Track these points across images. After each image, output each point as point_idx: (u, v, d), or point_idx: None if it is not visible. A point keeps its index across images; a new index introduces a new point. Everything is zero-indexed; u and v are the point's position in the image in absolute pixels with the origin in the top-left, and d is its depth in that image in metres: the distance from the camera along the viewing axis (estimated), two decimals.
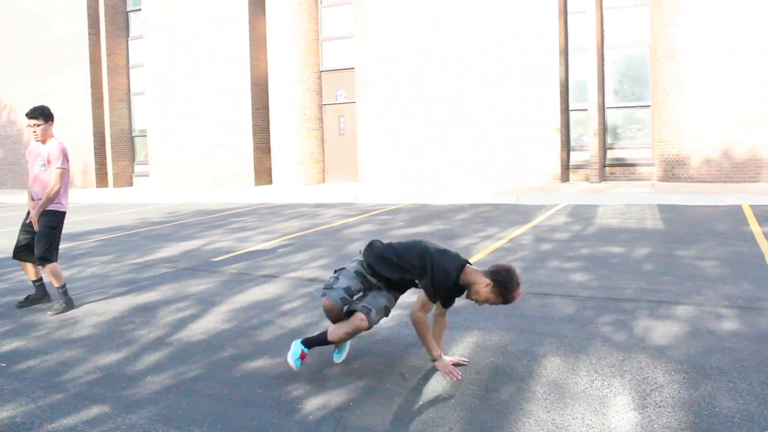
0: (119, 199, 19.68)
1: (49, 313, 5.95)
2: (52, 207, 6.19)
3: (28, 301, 6.31)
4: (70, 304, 6.10)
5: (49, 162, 6.15)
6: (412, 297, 5.00)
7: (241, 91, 20.53)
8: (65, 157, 6.18)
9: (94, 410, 3.69)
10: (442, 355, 4.02)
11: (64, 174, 6.17)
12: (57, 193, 6.13)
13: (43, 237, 6.13)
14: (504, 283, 3.79)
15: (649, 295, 5.65)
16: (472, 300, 3.96)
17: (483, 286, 3.85)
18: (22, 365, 4.57)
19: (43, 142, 6.19)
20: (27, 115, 6.14)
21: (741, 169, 14.58)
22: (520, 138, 16.70)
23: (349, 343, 4.31)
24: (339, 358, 4.26)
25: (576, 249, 8.00)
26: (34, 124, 6.11)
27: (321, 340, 4.06)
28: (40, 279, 6.39)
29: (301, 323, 5.30)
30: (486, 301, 3.89)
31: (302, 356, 4.02)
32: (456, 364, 4.06)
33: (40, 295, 6.38)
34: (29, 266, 6.35)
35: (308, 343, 4.08)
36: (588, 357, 4.19)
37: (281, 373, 4.09)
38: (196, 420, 3.51)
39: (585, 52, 16.35)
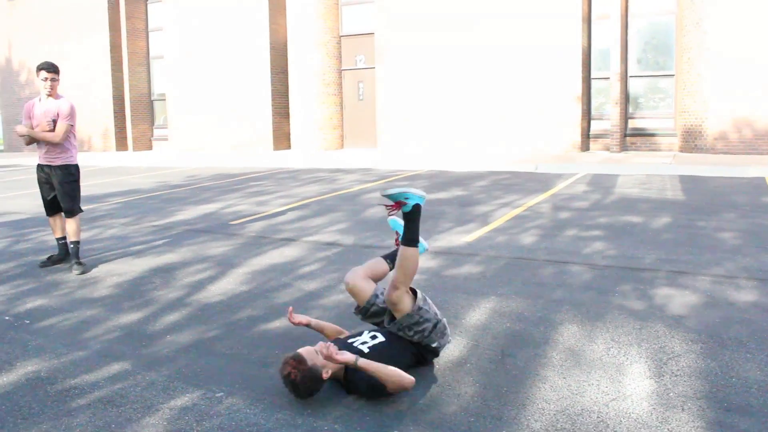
0: (138, 162, 19.79)
1: (75, 272, 6.04)
2: (66, 161, 6.35)
3: (51, 261, 6.41)
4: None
5: (58, 116, 6.23)
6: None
7: (260, 56, 20.42)
8: (74, 114, 6.33)
9: (115, 367, 3.75)
10: None
11: (70, 130, 6.31)
12: (55, 142, 6.24)
13: (67, 190, 6.34)
14: None
15: (668, 265, 5.62)
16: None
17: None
18: (45, 322, 4.64)
19: (55, 97, 6.27)
20: (45, 68, 6.18)
21: (765, 140, 14.36)
22: (540, 106, 16.53)
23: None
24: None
25: (595, 218, 7.95)
26: (52, 78, 6.19)
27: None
28: (64, 237, 6.50)
29: (319, 286, 5.33)
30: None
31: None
32: None
33: (62, 254, 6.49)
34: (58, 222, 6.51)
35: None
36: (605, 325, 4.18)
37: (299, 335, 4.12)
38: (214, 378, 3.55)
39: (608, 20, 16.05)
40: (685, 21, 15.32)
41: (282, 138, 20.88)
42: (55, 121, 6.23)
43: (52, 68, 6.22)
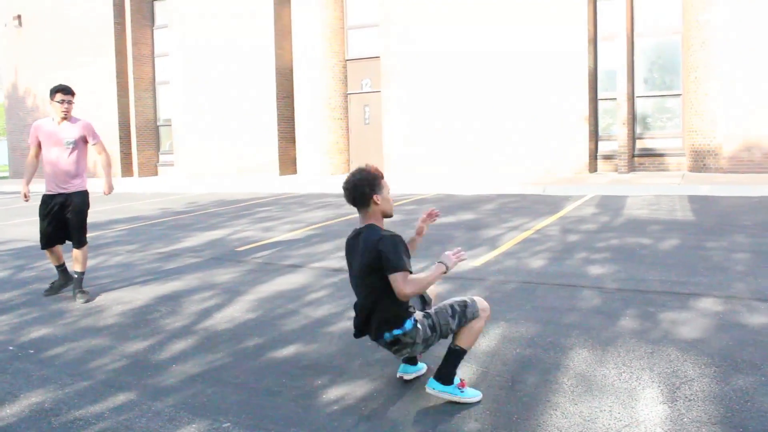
0: (144, 188, 19.84)
1: (80, 300, 6.00)
2: (80, 188, 6.22)
3: (54, 289, 6.35)
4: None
5: (85, 138, 6.18)
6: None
7: (266, 81, 20.53)
8: None
9: (121, 398, 3.71)
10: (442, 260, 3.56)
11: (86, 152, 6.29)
12: (108, 160, 6.39)
13: (81, 219, 6.20)
14: None
15: (679, 288, 5.55)
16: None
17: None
18: (50, 352, 4.61)
19: (71, 120, 6.15)
20: (61, 90, 6.02)
21: None
22: (547, 128, 16.53)
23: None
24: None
25: (604, 240, 7.90)
26: (69, 101, 6.07)
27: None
28: (63, 264, 6.39)
29: (326, 313, 5.28)
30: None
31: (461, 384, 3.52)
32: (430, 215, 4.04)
33: (63, 280, 6.40)
34: (58, 251, 6.33)
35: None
36: (616, 349, 4.12)
37: (306, 363, 4.07)
38: (222, 409, 3.50)
39: (614, 41, 16.10)
40: (691, 41, 15.35)
41: (288, 163, 20.92)
42: (75, 144, 6.10)
43: (69, 91, 6.08)
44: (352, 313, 5.00)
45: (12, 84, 27.54)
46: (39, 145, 6.16)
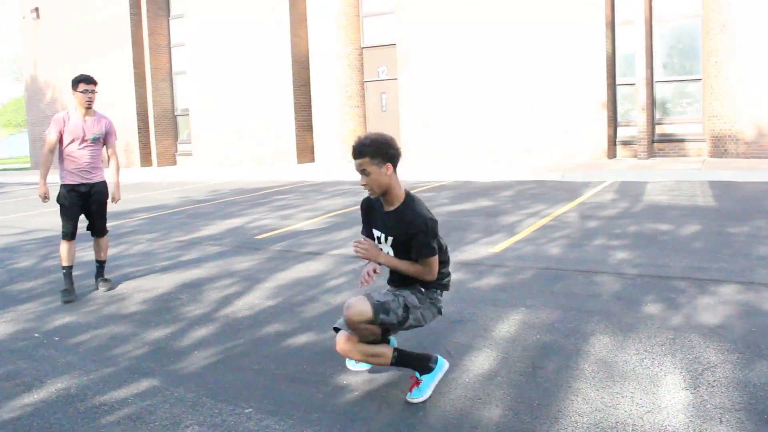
0: (163, 177, 19.97)
1: (103, 288, 6.06)
2: (103, 177, 6.16)
3: (71, 292, 5.89)
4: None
5: (106, 135, 6.09)
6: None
7: (282, 69, 20.54)
8: None
9: (144, 384, 3.75)
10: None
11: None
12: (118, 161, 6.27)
13: (104, 207, 6.21)
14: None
15: (700, 274, 5.51)
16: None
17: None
18: (74, 339, 4.67)
19: (93, 112, 6.01)
20: (84, 80, 5.86)
21: None
22: (565, 114, 16.42)
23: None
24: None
25: (623, 226, 7.85)
26: (93, 90, 5.90)
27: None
28: (72, 266, 6.05)
29: (345, 300, 5.29)
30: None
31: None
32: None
33: (71, 284, 5.98)
34: (74, 246, 6.07)
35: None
36: (637, 335, 4.10)
37: (327, 349, 4.09)
38: (243, 395, 3.53)
39: (632, 25, 15.92)
40: (711, 24, 15.15)
41: (306, 151, 20.95)
42: (97, 139, 6.00)
43: (92, 80, 5.91)
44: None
45: (31, 76, 27.77)
46: (60, 139, 5.93)
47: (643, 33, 15.61)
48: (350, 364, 3.82)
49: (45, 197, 5.96)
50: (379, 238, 3.55)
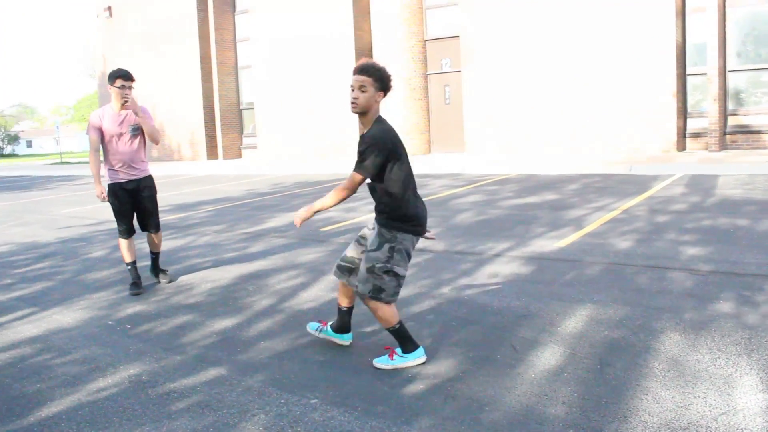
0: (228, 170, 20.33)
1: (164, 281, 6.21)
2: (148, 171, 6.07)
3: (138, 286, 5.95)
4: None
5: (140, 119, 5.85)
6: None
7: (345, 63, 20.63)
8: None
9: (212, 372, 3.83)
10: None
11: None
12: (158, 138, 6.00)
13: (155, 202, 6.14)
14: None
15: None
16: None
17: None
18: (144, 327, 4.80)
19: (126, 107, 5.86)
20: (122, 76, 5.71)
21: None
22: (633, 105, 16.01)
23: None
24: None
25: (695, 221, 7.61)
26: (129, 86, 5.78)
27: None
28: (135, 261, 6.13)
29: (410, 293, 5.29)
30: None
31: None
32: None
33: (138, 276, 6.06)
34: (133, 242, 6.14)
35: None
36: (710, 334, 3.97)
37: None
38: (308, 385, 3.57)
39: (704, 12, 15.38)
40: None
41: None
42: (137, 129, 5.90)
43: (129, 77, 5.77)
44: (438, 291, 5.04)
45: (103, 72, 28.66)
46: (101, 137, 5.87)
47: (715, 20, 15.06)
48: (311, 329, 4.20)
49: (103, 197, 5.95)
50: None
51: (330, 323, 4.16)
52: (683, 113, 16.07)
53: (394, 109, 19.88)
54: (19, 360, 4.24)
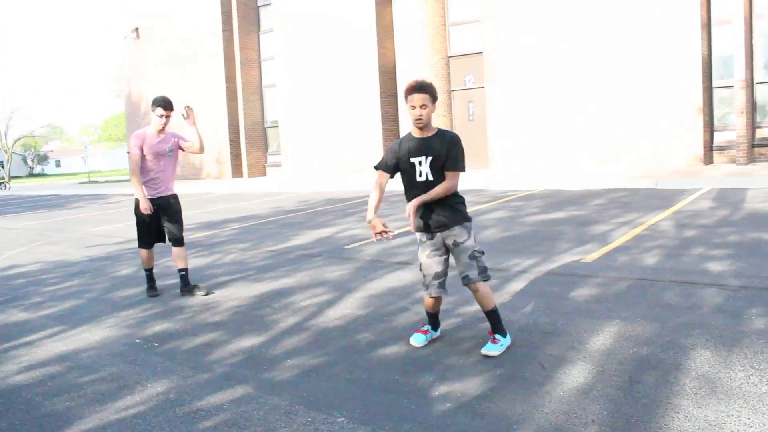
0: (253, 188, 20.48)
1: (200, 293, 6.31)
2: (174, 189, 6.53)
3: (155, 289, 6.60)
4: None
5: (179, 140, 6.44)
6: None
7: (369, 80, 20.76)
8: None
9: (239, 390, 3.84)
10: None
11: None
12: (202, 148, 6.53)
13: (180, 218, 6.51)
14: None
15: None
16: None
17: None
18: (171, 345, 4.83)
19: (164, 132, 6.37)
20: (162, 106, 6.15)
21: None
22: (658, 119, 15.89)
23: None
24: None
25: (723, 236, 7.51)
26: (168, 116, 6.21)
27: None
28: (152, 268, 6.66)
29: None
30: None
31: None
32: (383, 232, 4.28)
33: (154, 281, 6.68)
34: (153, 252, 6.62)
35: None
36: (742, 350, 3.90)
37: (418, 359, 4.08)
38: (335, 404, 3.56)
39: (730, 25, 15.27)
40: None
41: None
42: (173, 151, 6.37)
43: (169, 107, 6.19)
44: (463, 309, 5.01)
45: (130, 92, 29.12)
46: (142, 155, 6.25)
47: (742, 32, 14.94)
48: (416, 341, 4.42)
49: (150, 210, 6.25)
50: (413, 164, 4.23)
51: (425, 326, 4.53)
52: (710, 126, 15.91)
53: None
54: (49, 378, 4.29)
